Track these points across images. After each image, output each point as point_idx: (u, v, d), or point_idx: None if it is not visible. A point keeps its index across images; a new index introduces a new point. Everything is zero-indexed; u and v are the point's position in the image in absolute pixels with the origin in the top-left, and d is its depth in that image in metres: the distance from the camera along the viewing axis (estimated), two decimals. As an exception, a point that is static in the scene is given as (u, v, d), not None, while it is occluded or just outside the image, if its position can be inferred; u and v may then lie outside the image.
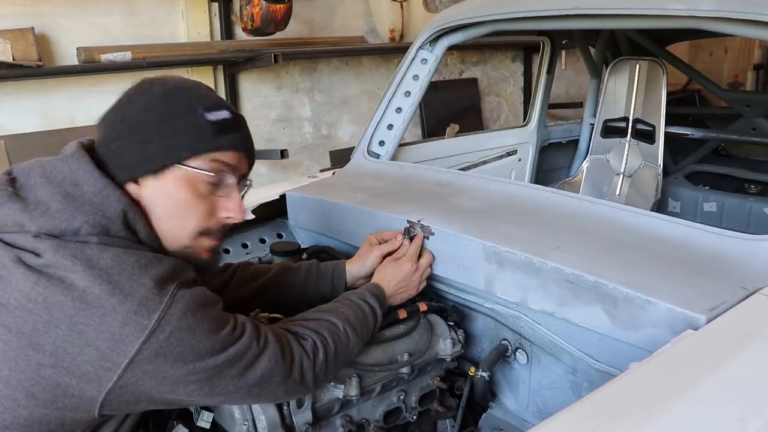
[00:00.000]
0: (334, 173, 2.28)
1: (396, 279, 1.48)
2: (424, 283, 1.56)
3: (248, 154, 1.22)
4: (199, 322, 1.03)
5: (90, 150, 1.13)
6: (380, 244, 1.60)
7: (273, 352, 1.13)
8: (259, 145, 4.26)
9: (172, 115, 1.11)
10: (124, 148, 1.11)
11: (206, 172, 1.13)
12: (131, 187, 1.12)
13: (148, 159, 1.10)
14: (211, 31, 3.96)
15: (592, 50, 3.18)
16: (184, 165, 1.11)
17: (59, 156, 1.12)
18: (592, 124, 3.19)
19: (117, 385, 0.99)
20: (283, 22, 3.84)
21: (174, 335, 1.00)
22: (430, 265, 1.57)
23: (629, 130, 3.02)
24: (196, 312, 1.03)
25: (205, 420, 1.30)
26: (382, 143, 2.29)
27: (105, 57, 3.42)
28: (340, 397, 1.33)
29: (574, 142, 3.29)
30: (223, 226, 1.21)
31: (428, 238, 1.60)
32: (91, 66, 3.44)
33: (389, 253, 1.57)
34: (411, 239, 1.59)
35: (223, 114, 1.15)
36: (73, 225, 1.02)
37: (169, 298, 1.01)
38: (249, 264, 1.59)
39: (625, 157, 3.01)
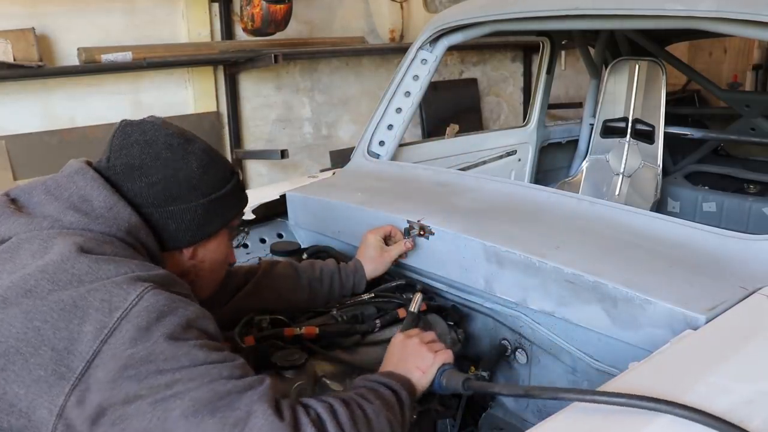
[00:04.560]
0: (334, 173, 2.29)
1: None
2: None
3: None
4: (161, 327, 0.89)
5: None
6: (386, 244, 1.63)
7: (264, 393, 0.91)
8: (259, 145, 4.27)
9: (222, 179, 1.17)
10: (185, 211, 1.12)
11: (242, 228, 1.28)
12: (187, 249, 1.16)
13: (209, 222, 1.16)
14: (212, 31, 3.96)
15: (592, 50, 3.18)
16: (231, 225, 1.23)
17: (61, 173, 1.09)
18: (592, 125, 3.19)
19: (71, 401, 0.85)
20: (283, 22, 3.85)
21: (129, 335, 0.87)
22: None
23: (629, 130, 3.02)
24: (165, 316, 0.90)
25: None
26: (382, 143, 2.29)
27: (105, 57, 3.42)
28: (341, 396, 1.33)
29: (574, 142, 3.29)
30: None
31: (428, 238, 1.61)
32: (91, 66, 3.44)
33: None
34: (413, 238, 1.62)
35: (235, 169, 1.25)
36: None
37: (137, 297, 0.90)
38: (276, 263, 1.62)
39: (624, 157, 3.01)
